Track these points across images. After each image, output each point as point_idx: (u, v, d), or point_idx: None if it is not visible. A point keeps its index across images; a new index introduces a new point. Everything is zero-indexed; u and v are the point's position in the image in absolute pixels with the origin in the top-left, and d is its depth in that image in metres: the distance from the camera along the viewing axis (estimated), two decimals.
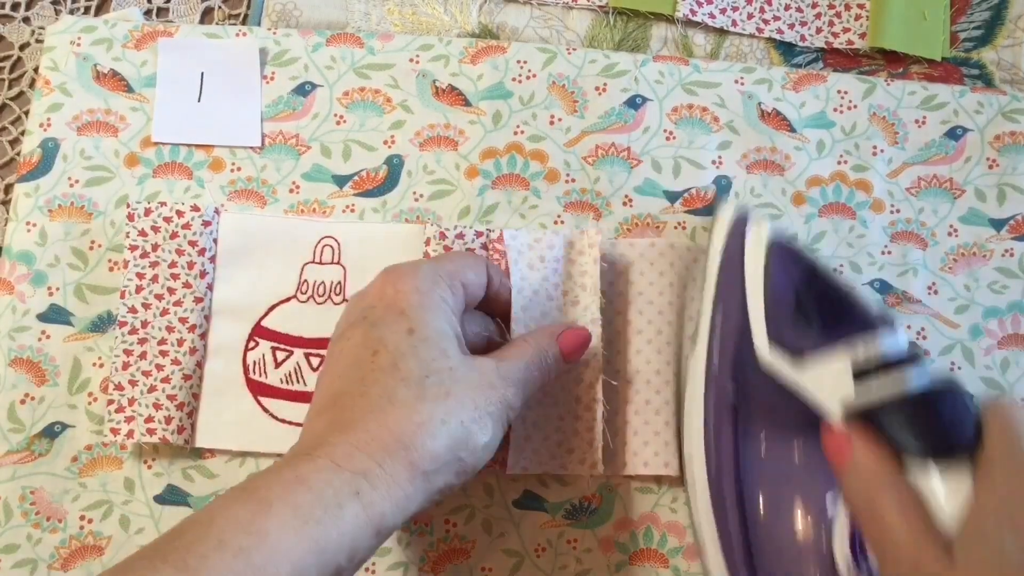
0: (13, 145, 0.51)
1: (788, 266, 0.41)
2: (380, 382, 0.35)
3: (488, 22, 0.52)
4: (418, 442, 0.33)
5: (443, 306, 0.37)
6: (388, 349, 0.35)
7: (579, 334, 0.41)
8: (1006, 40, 0.53)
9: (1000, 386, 0.47)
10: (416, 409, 0.34)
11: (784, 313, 0.40)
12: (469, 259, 0.41)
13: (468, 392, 0.35)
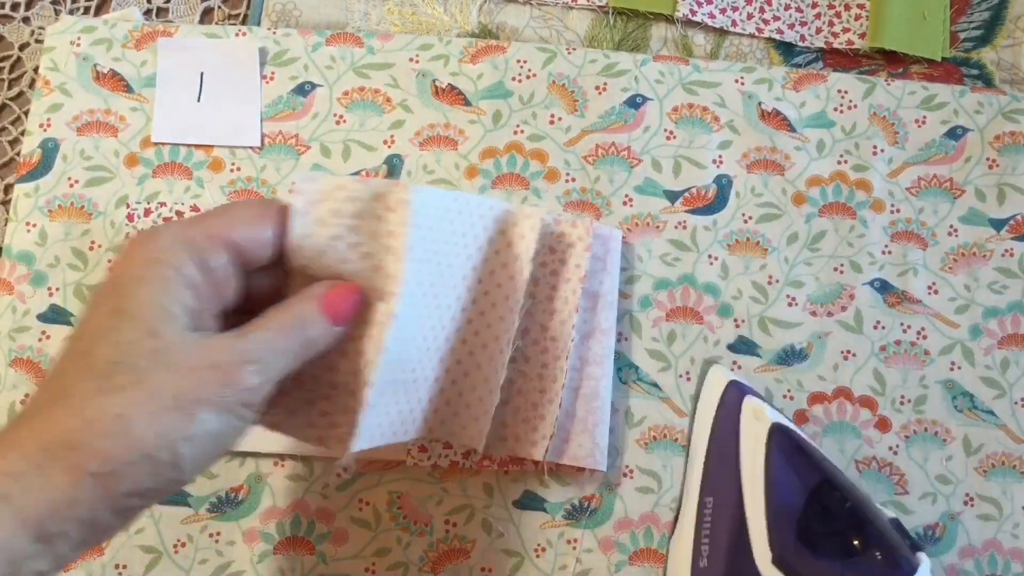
0: (13, 145, 0.51)
1: (794, 466, 0.38)
2: (64, 372, 0.31)
3: (488, 22, 0.52)
4: (84, 441, 0.29)
5: (173, 277, 0.31)
6: (87, 333, 0.31)
7: (344, 294, 0.35)
8: (1006, 40, 0.53)
9: (1000, 386, 0.47)
10: (90, 403, 0.29)
11: (789, 526, 0.37)
12: (242, 209, 0.35)
13: (172, 378, 0.30)
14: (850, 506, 0.37)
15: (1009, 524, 0.46)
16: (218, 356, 0.31)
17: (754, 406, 0.40)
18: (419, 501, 0.45)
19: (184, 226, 0.33)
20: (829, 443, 0.46)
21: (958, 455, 0.46)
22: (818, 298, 0.48)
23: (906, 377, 0.47)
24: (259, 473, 0.45)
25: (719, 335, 0.47)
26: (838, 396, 0.47)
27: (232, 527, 0.44)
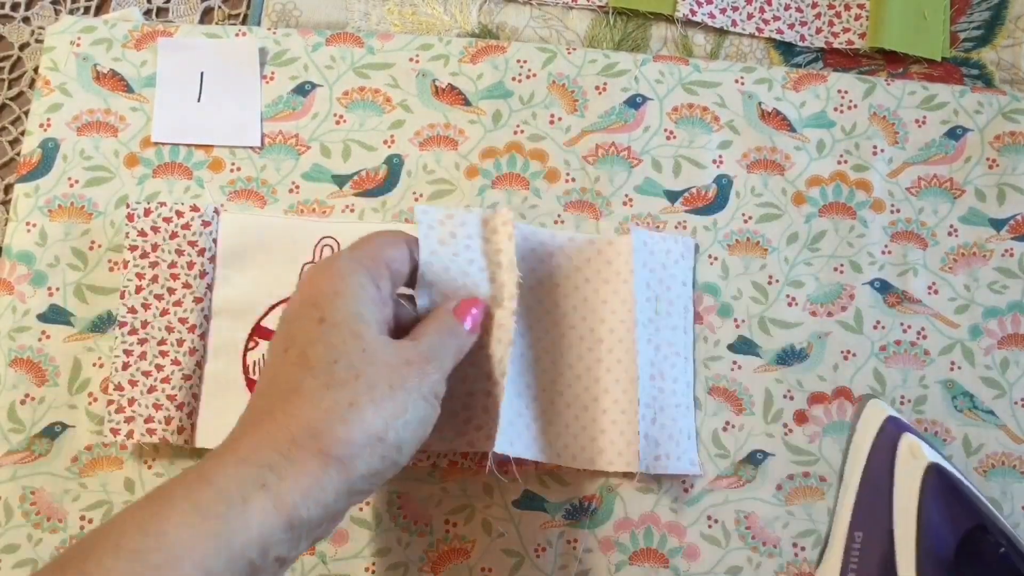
0: (13, 145, 0.51)
1: (949, 508, 0.37)
2: (287, 374, 0.35)
3: (488, 22, 0.52)
4: (326, 428, 0.33)
5: (360, 292, 0.36)
6: (297, 342, 0.35)
7: (471, 303, 0.40)
8: (1006, 40, 0.53)
9: (1000, 386, 0.47)
10: (323, 396, 0.33)
11: (941, 571, 0.36)
12: (387, 237, 0.40)
13: (382, 372, 0.35)
14: (1004, 552, 0.37)
15: (1009, 524, 0.46)
16: (409, 354, 0.36)
17: (911, 443, 0.39)
18: (419, 501, 0.45)
19: (355, 253, 0.38)
20: (829, 443, 0.46)
21: (958, 455, 0.46)
22: (818, 298, 0.48)
23: (906, 377, 0.47)
24: None
25: (719, 335, 0.47)
26: (838, 396, 0.47)
27: None
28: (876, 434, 0.40)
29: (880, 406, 0.42)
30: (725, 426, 0.46)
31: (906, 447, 0.39)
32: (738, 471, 0.46)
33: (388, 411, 0.34)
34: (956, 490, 0.38)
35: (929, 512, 0.37)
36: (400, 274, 0.39)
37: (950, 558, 0.36)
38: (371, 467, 0.34)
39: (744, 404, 0.47)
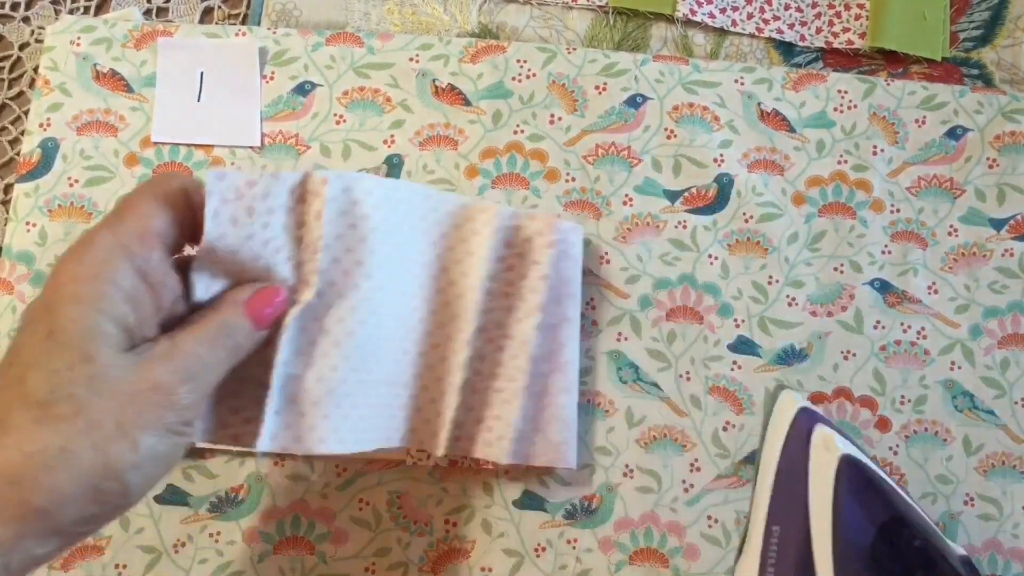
0: (13, 145, 0.51)
1: (864, 501, 0.37)
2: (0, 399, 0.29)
3: (488, 22, 0.52)
4: (29, 476, 0.28)
5: (109, 293, 0.30)
6: (20, 360, 0.30)
7: (268, 296, 0.34)
8: (1006, 40, 0.53)
9: (1000, 386, 0.47)
10: (31, 434, 0.28)
11: (857, 564, 0.36)
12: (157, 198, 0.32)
13: (112, 406, 0.29)
14: (919, 544, 0.37)
15: (1009, 524, 0.46)
16: (154, 377, 0.30)
17: (824, 436, 0.39)
18: (419, 501, 0.45)
19: (114, 229, 0.31)
20: None
21: (958, 455, 0.46)
22: (818, 298, 0.48)
23: (906, 377, 0.47)
24: (259, 473, 0.45)
25: (719, 335, 0.47)
26: (838, 396, 0.47)
27: (232, 527, 0.44)
28: (789, 426, 0.40)
29: (792, 397, 0.42)
30: (725, 426, 0.46)
31: (819, 439, 0.39)
32: (738, 471, 0.46)
33: (112, 455, 0.29)
34: (871, 483, 0.38)
35: (844, 505, 0.37)
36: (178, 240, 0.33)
37: (867, 551, 0.36)
38: (85, 514, 0.29)
39: (744, 404, 0.47)
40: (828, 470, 0.38)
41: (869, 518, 0.37)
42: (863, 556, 0.36)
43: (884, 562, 0.36)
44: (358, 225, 0.38)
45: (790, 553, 0.37)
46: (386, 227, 0.39)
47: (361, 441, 0.38)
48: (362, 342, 0.38)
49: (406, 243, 0.40)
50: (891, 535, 0.37)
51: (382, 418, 0.40)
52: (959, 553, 0.38)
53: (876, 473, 0.39)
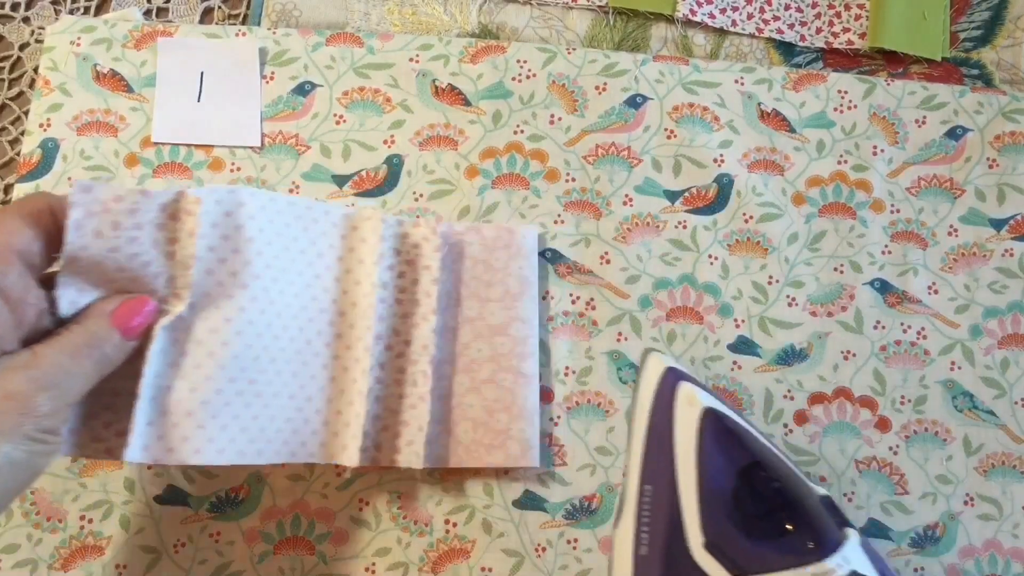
0: (13, 145, 0.51)
1: (725, 450, 0.38)
2: None
3: (488, 22, 0.52)
4: None
5: None
6: None
7: (135, 306, 0.34)
8: (1006, 40, 0.53)
9: (1000, 386, 0.47)
10: None
11: (719, 510, 0.37)
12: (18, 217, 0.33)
13: None
14: (777, 486, 0.37)
15: (1009, 524, 0.46)
16: (12, 386, 0.30)
17: (687, 392, 0.39)
18: (419, 501, 0.45)
19: None
20: (829, 443, 0.46)
21: (958, 455, 0.46)
22: (818, 298, 0.48)
23: (906, 377, 0.47)
24: (259, 473, 0.45)
25: (719, 335, 0.47)
26: (838, 396, 0.47)
27: (232, 527, 0.44)
28: (656, 387, 0.40)
29: (659, 358, 0.42)
30: None
31: (683, 396, 0.39)
32: None
33: None
34: (731, 431, 0.38)
35: (707, 455, 0.38)
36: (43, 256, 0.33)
37: (729, 497, 0.37)
38: None
39: (744, 404, 0.47)
40: (691, 423, 0.38)
41: (730, 465, 0.38)
42: (726, 502, 0.37)
43: (745, 505, 0.37)
44: (232, 236, 0.38)
45: (661, 508, 0.38)
46: (263, 238, 0.39)
47: (248, 453, 0.38)
48: (239, 352, 0.38)
49: (290, 255, 0.41)
50: (751, 479, 0.37)
51: (280, 431, 0.40)
52: (819, 493, 0.39)
53: (737, 423, 0.39)
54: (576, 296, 0.47)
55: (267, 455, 0.39)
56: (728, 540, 0.36)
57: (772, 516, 0.36)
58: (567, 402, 0.46)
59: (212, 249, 0.38)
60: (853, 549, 0.36)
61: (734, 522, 0.36)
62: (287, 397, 0.40)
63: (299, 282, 0.41)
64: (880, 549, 0.45)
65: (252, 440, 0.38)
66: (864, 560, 0.35)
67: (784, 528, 0.36)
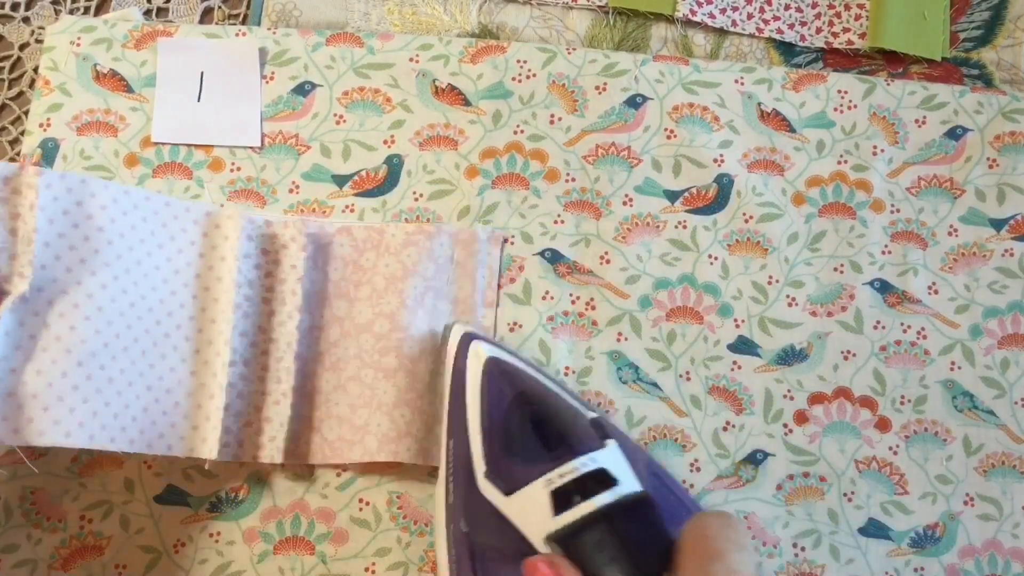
0: (13, 145, 0.51)
1: (503, 389, 0.40)
2: None
3: (488, 22, 0.52)
4: None
5: None
6: None
7: None
8: (1006, 40, 0.53)
9: (1000, 386, 0.47)
10: None
11: (498, 441, 0.39)
12: None
13: None
14: (542, 411, 0.39)
15: (1009, 524, 0.46)
16: None
17: (476, 348, 0.41)
18: (419, 501, 0.45)
19: None
20: (829, 443, 0.46)
21: (958, 455, 0.46)
22: (818, 298, 0.48)
23: (906, 377, 0.47)
24: (259, 473, 0.45)
25: (719, 335, 0.47)
26: (838, 396, 0.47)
27: (232, 527, 0.44)
28: (455, 352, 0.42)
29: (459, 328, 0.43)
30: (725, 426, 0.46)
31: (473, 351, 0.41)
32: (738, 471, 0.46)
33: None
34: (507, 373, 0.41)
35: (487, 396, 0.40)
36: None
37: (502, 429, 0.39)
38: None
39: (744, 404, 0.47)
40: (477, 374, 0.41)
41: (503, 401, 0.40)
42: (499, 433, 0.39)
43: (514, 432, 0.39)
44: (81, 225, 0.40)
45: (460, 458, 0.40)
46: (115, 229, 0.41)
47: (98, 438, 0.39)
48: (88, 337, 0.39)
49: (146, 248, 0.42)
50: (519, 409, 0.40)
51: (136, 420, 0.40)
52: (590, 416, 0.40)
53: (515, 365, 0.41)
54: (576, 296, 0.47)
55: (120, 442, 0.40)
56: (501, 464, 0.38)
57: (537, 438, 0.39)
58: None
59: (62, 236, 0.39)
60: (606, 453, 0.37)
61: (504, 448, 0.39)
62: (144, 387, 0.41)
63: (156, 276, 0.42)
64: (880, 549, 0.45)
65: (104, 426, 0.39)
66: (619, 462, 0.37)
67: (547, 446, 0.38)
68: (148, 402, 0.41)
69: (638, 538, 0.34)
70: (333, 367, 0.45)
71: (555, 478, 0.36)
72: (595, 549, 0.34)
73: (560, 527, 0.35)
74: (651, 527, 0.35)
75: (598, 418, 0.40)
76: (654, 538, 0.34)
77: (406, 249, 0.46)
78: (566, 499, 0.35)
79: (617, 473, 0.36)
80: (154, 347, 0.42)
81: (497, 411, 0.40)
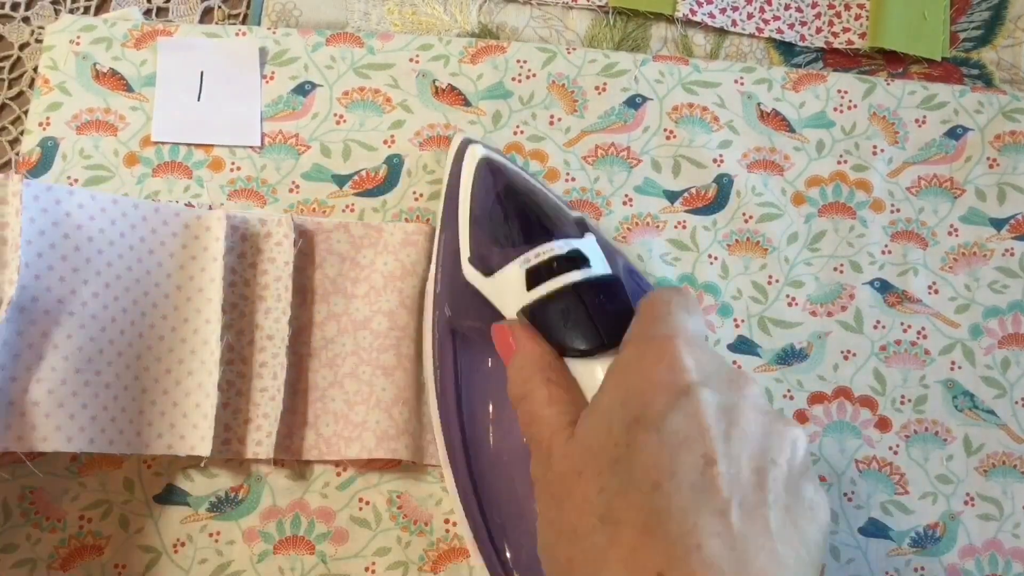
0: (13, 145, 0.51)
1: (491, 182, 0.43)
2: None
3: (488, 22, 0.53)
4: None
5: None
6: None
7: None
8: (1006, 40, 0.53)
9: (1000, 386, 0.47)
10: None
11: (483, 229, 0.41)
12: None
13: None
14: (524, 201, 0.42)
15: (1010, 524, 0.46)
16: None
17: (472, 150, 0.44)
18: (419, 501, 0.45)
19: None
20: (829, 443, 0.46)
21: (958, 455, 0.46)
22: (818, 298, 0.48)
23: (906, 377, 0.47)
24: (259, 473, 0.45)
25: (719, 335, 0.47)
26: (838, 396, 0.47)
27: (232, 527, 0.44)
28: (454, 156, 0.45)
29: (461, 136, 0.46)
30: None
31: (469, 153, 0.44)
32: None
33: None
34: (498, 169, 0.43)
35: (476, 190, 0.43)
36: None
37: (487, 216, 0.42)
38: None
39: None
40: (471, 171, 0.43)
41: (492, 193, 0.42)
42: (485, 221, 0.41)
43: (498, 220, 0.41)
44: (72, 235, 0.41)
45: (448, 248, 0.42)
46: (104, 238, 0.42)
47: (98, 441, 0.40)
48: (83, 344, 0.40)
49: (136, 254, 0.43)
50: (506, 200, 0.42)
51: (133, 423, 0.41)
52: (575, 215, 0.43)
53: (505, 164, 0.44)
54: None
55: (119, 444, 0.41)
56: (483, 249, 0.41)
57: (520, 226, 0.41)
58: None
59: (53, 246, 0.40)
60: (584, 241, 0.39)
61: (488, 234, 0.41)
62: (139, 390, 0.42)
63: (148, 280, 0.43)
64: (880, 549, 0.45)
65: (103, 430, 0.40)
66: (595, 250, 0.38)
67: (528, 232, 0.40)
68: (144, 404, 0.42)
69: (603, 310, 0.36)
70: (329, 363, 0.45)
71: (531, 257, 0.38)
72: (560, 317, 0.36)
73: (531, 300, 0.37)
74: (616, 302, 0.36)
75: (582, 217, 0.43)
76: (618, 311, 0.36)
77: (405, 248, 0.46)
78: (540, 276, 0.37)
79: (591, 257, 0.38)
80: (149, 350, 0.42)
81: (485, 202, 0.42)
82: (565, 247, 0.38)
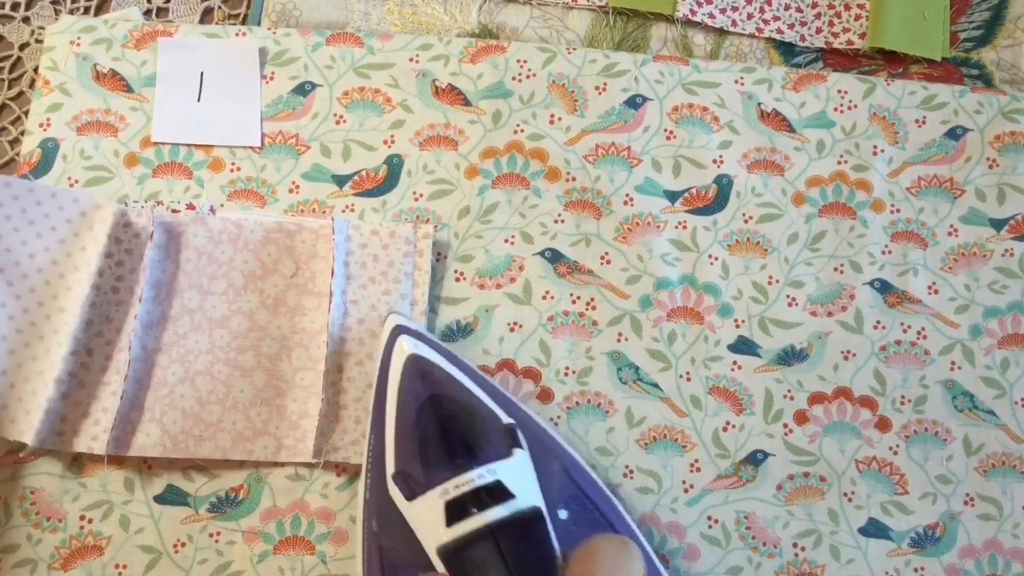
0: (13, 145, 0.51)
1: (419, 389, 0.40)
2: None
3: (488, 22, 0.53)
4: None
5: None
6: None
7: None
8: (1006, 40, 0.53)
9: (1000, 386, 0.47)
10: None
11: (408, 443, 0.39)
12: None
13: None
14: (450, 414, 0.39)
15: (1009, 524, 0.46)
16: None
17: (401, 343, 0.41)
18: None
19: None
20: (829, 443, 0.46)
21: (958, 455, 0.46)
22: (818, 298, 0.48)
23: (906, 377, 0.47)
24: (259, 473, 0.45)
25: (719, 335, 0.47)
26: (838, 396, 0.47)
27: (232, 527, 0.44)
28: (384, 344, 0.42)
29: (395, 319, 0.43)
30: (725, 426, 0.46)
31: (398, 346, 0.41)
32: (738, 471, 0.46)
33: None
34: (425, 371, 0.40)
35: (404, 394, 0.40)
36: None
37: (413, 427, 0.39)
38: None
39: (744, 404, 0.47)
40: (398, 370, 0.40)
41: (418, 402, 0.40)
42: (411, 437, 0.39)
43: (424, 438, 0.39)
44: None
45: (377, 455, 0.40)
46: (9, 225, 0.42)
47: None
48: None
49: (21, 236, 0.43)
50: (431, 412, 0.39)
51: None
52: (505, 422, 0.40)
53: (437, 365, 0.41)
54: (576, 296, 0.47)
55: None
56: (408, 467, 0.38)
57: (444, 444, 0.38)
58: (567, 402, 0.46)
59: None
60: (509, 464, 0.37)
61: (412, 451, 0.38)
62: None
63: (29, 264, 0.43)
64: (880, 549, 0.45)
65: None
66: (521, 474, 0.36)
67: (452, 453, 0.38)
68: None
69: (525, 558, 0.34)
70: (180, 359, 0.45)
71: (451, 488, 0.36)
72: (478, 568, 0.34)
73: (449, 540, 0.35)
74: (540, 546, 0.35)
75: (512, 425, 0.40)
76: (542, 558, 0.34)
77: (266, 247, 0.46)
78: (460, 510, 0.35)
79: (515, 486, 0.36)
80: (18, 334, 0.43)
81: (410, 412, 0.39)
82: (488, 477, 0.36)
